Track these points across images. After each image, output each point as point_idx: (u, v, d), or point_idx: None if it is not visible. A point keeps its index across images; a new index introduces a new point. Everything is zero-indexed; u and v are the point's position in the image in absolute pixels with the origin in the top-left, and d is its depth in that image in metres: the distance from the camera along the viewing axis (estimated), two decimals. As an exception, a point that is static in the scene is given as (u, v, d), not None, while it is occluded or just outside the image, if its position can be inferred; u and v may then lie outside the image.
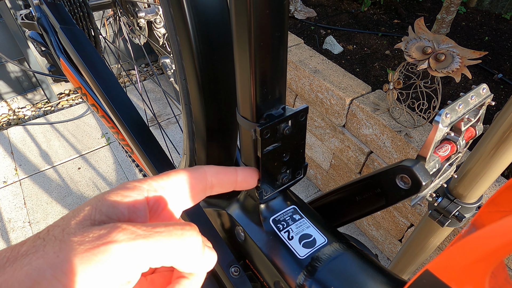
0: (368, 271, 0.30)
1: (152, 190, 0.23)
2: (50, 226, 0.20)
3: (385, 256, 1.58)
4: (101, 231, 0.19)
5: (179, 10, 0.33)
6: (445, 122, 0.30)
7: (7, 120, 2.39)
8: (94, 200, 0.21)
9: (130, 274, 0.19)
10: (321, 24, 1.93)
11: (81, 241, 0.18)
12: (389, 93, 1.27)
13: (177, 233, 0.21)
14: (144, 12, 0.98)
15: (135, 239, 0.19)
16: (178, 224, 0.21)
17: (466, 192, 0.57)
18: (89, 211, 0.20)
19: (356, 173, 1.51)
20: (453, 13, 1.40)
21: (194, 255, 0.22)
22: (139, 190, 0.22)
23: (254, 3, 0.23)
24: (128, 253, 0.19)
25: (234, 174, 0.28)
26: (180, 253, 0.21)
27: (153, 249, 0.19)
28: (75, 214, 0.20)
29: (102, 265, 0.18)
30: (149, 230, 0.20)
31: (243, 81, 0.28)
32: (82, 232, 0.19)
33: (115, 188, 0.22)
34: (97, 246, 0.18)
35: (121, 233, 0.19)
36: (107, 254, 0.18)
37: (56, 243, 0.18)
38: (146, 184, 0.23)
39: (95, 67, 0.59)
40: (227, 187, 0.28)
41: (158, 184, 0.23)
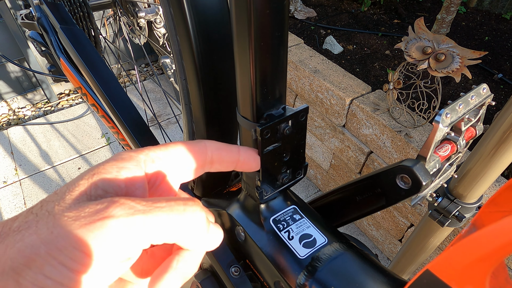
0: (369, 271, 0.30)
1: (149, 161, 0.21)
2: (43, 200, 0.19)
3: (385, 256, 1.58)
4: (98, 206, 0.18)
5: (179, 10, 0.33)
6: (445, 122, 0.30)
7: (7, 120, 2.39)
8: (89, 174, 0.20)
9: (129, 251, 0.18)
10: (321, 24, 1.93)
11: (76, 216, 0.17)
12: (389, 93, 1.27)
13: (179, 209, 0.19)
14: (144, 12, 0.98)
15: (133, 214, 0.18)
16: (180, 199, 0.20)
17: (466, 192, 0.57)
18: (84, 185, 0.19)
19: (356, 173, 1.51)
20: (453, 13, 1.40)
21: (198, 232, 0.21)
22: (136, 161, 0.21)
23: (254, 3, 0.23)
24: (126, 229, 0.17)
25: (237, 153, 0.27)
26: (182, 230, 0.20)
27: (153, 225, 0.18)
28: (70, 188, 0.19)
29: (99, 241, 0.17)
30: (149, 205, 0.19)
31: (243, 81, 0.28)
32: (78, 207, 0.18)
33: (110, 159, 0.21)
34: (93, 221, 0.17)
35: (118, 207, 0.18)
36: (103, 230, 0.17)
37: (50, 218, 0.17)
38: (143, 154, 0.21)
39: (95, 67, 0.59)
40: (228, 165, 0.26)
41: (155, 154, 0.22)
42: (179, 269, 0.21)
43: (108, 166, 0.20)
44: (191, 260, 0.21)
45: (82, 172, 0.20)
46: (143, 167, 0.21)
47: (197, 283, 0.44)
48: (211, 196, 0.50)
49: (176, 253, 0.21)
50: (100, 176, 0.19)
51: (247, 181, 0.35)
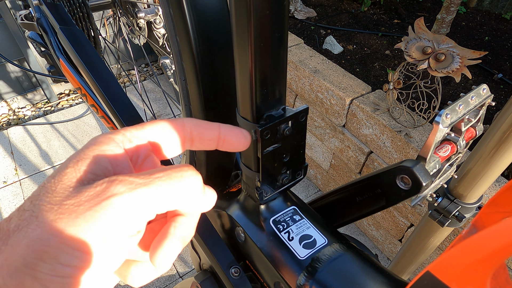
0: (369, 272, 0.30)
1: (127, 141, 0.22)
2: (32, 197, 0.19)
3: (385, 256, 1.58)
4: (97, 188, 0.18)
5: (179, 11, 0.33)
6: (446, 122, 0.30)
7: (7, 120, 2.39)
8: (73, 161, 0.20)
9: (138, 224, 0.19)
10: (321, 24, 1.93)
11: (78, 202, 0.17)
12: (389, 93, 1.27)
13: (177, 176, 0.20)
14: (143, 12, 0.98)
15: (135, 188, 0.18)
16: (175, 167, 0.21)
17: (466, 192, 0.57)
18: (72, 173, 0.19)
19: (356, 173, 1.51)
20: (453, 13, 1.40)
21: (196, 195, 0.21)
22: (114, 142, 0.21)
23: (254, 3, 0.23)
24: (132, 203, 0.18)
25: (216, 130, 0.25)
26: (183, 195, 0.20)
27: (156, 195, 0.19)
28: (57, 179, 0.19)
29: (108, 220, 0.17)
30: (148, 178, 0.19)
31: (243, 82, 0.28)
32: (75, 194, 0.18)
33: (89, 144, 0.21)
34: (98, 203, 0.17)
35: (119, 185, 0.18)
36: (110, 209, 0.17)
37: (50, 210, 0.17)
38: (120, 135, 0.21)
39: (94, 68, 0.59)
40: (208, 143, 0.25)
41: (132, 134, 0.22)
42: (177, 234, 0.21)
43: (89, 151, 0.20)
44: (188, 224, 0.22)
45: (64, 161, 0.20)
46: (122, 146, 0.21)
47: (197, 284, 0.44)
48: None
49: (172, 220, 0.22)
50: (85, 161, 0.19)
51: (247, 182, 0.35)
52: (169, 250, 0.20)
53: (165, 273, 1.52)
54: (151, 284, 1.49)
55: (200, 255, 0.48)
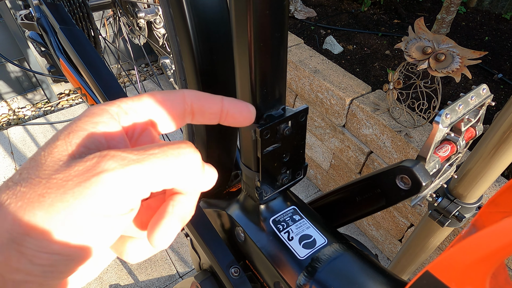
0: (368, 271, 0.30)
1: (122, 113, 0.20)
2: (21, 169, 0.18)
3: (385, 256, 1.58)
4: (87, 163, 0.17)
5: (179, 10, 0.33)
6: (445, 122, 0.30)
7: (7, 120, 2.39)
8: (64, 133, 0.18)
9: (130, 202, 0.18)
10: (321, 24, 1.93)
11: (67, 176, 0.17)
12: (389, 93, 1.27)
13: (174, 153, 0.19)
14: (143, 12, 0.98)
15: (128, 164, 0.17)
16: (172, 143, 0.19)
17: (466, 192, 0.57)
18: (63, 146, 0.18)
19: (356, 173, 1.51)
20: (453, 13, 1.40)
21: (195, 173, 0.20)
22: (109, 114, 0.20)
23: (254, 3, 0.23)
24: (124, 180, 0.17)
25: (219, 103, 0.23)
26: (180, 174, 0.19)
27: (150, 173, 0.18)
28: (46, 152, 0.18)
29: (97, 197, 0.16)
30: (142, 154, 0.18)
31: (243, 82, 0.28)
32: (65, 168, 0.17)
33: (82, 115, 0.19)
34: (87, 178, 0.16)
35: (111, 160, 0.17)
36: (100, 185, 0.16)
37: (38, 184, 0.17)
38: (115, 107, 0.20)
39: (94, 68, 0.59)
40: (210, 117, 0.24)
41: (128, 106, 0.21)
42: (175, 213, 0.20)
43: (81, 123, 0.19)
44: (187, 202, 0.21)
45: (56, 133, 0.19)
46: (117, 119, 0.20)
47: (197, 284, 0.44)
48: (211, 196, 0.50)
49: (171, 198, 0.21)
50: (77, 134, 0.18)
51: (247, 182, 0.35)
52: (167, 230, 0.19)
53: (165, 273, 1.52)
54: (151, 284, 1.49)
55: (200, 255, 0.48)
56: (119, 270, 1.53)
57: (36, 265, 0.16)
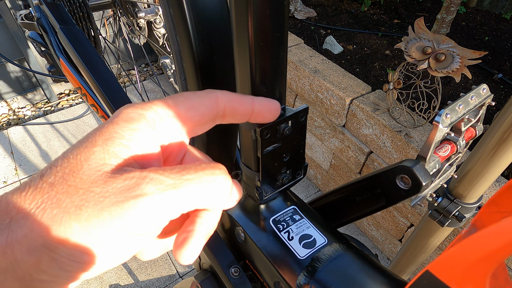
0: (368, 271, 0.30)
1: (158, 119, 0.20)
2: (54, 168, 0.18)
3: (385, 256, 1.58)
4: (126, 182, 0.17)
5: (179, 10, 0.33)
6: (445, 122, 0.30)
7: (7, 120, 2.39)
8: (101, 138, 0.19)
9: (161, 224, 0.18)
10: (321, 24, 1.93)
11: (105, 192, 0.17)
12: (389, 93, 1.27)
13: (208, 179, 0.19)
14: (144, 12, 0.98)
15: (165, 189, 0.18)
16: (207, 167, 0.20)
17: (466, 192, 0.57)
18: (100, 153, 0.18)
19: (356, 173, 1.51)
20: (453, 13, 1.40)
21: (225, 197, 0.21)
22: (146, 121, 0.20)
23: (254, 3, 0.23)
24: (159, 205, 0.18)
25: (251, 103, 0.24)
26: (212, 198, 0.20)
27: (184, 198, 0.18)
28: (83, 156, 0.18)
29: (133, 218, 0.17)
30: (178, 178, 0.18)
31: (243, 82, 0.28)
32: (103, 181, 0.17)
33: (119, 118, 0.19)
34: (126, 199, 0.17)
35: (150, 184, 0.18)
36: (137, 208, 0.17)
37: (75, 193, 0.17)
38: (152, 112, 0.20)
39: (94, 68, 0.59)
40: (241, 117, 0.24)
41: (164, 111, 0.21)
42: (202, 231, 0.21)
43: (119, 128, 0.19)
44: (212, 219, 0.22)
45: (91, 134, 0.19)
46: (153, 126, 0.20)
47: (197, 284, 0.44)
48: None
49: (196, 215, 0.21)
50: (115, 142, 0.19)
51: (247, 182, 0.35)
52: (194, 247, 0.20)
53: (165, 273, 1.52)
54: (151, 284, 1.49)
55: (200, 255, 0.48)
56: (119, 270, 1.53)
57: (65, 270, 0.17)
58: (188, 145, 0.24)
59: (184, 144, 0.23)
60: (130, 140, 0.19)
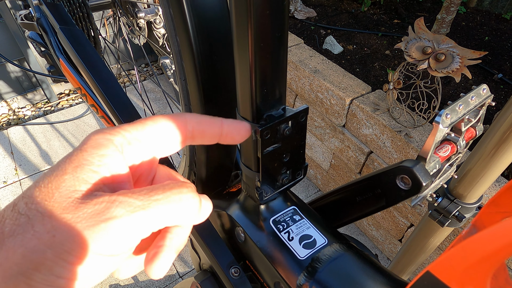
0: (369, 272, 0.30)
1: (126, 144, 0.21)
2: (26, 197, 0.18)
3: (385, 256, 1.58)
4: (96, 206, 0.18)
5: (179, 10, 0.33)
6: (446, 122, 0.30)
7: (7, 120, 2.39)
8: (71, 166, 0.19)
9: (132, 243, 0.19)
10: (321, 24, 1.93)
11: (76, 217, 0.18)
12: (389, 93, 1.27)
13: (175, 198, 0.20)
14: (143, 12, 0.98)
15: (134, 211, 0.19)
16: (175, 187, 0.21)
17: (466, 192, 0.57)
18: (70, 180, 0.19)
19: (356, 173, 1.51)
20: (453, 13, 1.40)
21: (193, 214, 0.22)
22: (114, 146, 0.21)
23: (254, 3, 0.23)
24: (129, 226, 0.18)
25: (219, 126, 0.25)
26: (180, 216, 0.21)
27: (153, 217, 0.19)
28: (54, 184, 0.19)
29: (104, 241, 0.18)
30: (146, 200, 0.19)
31: (243, 82, 0.28)
32: (74, 207, 0.18)
33: (87, 145, 0.20)
34: (96, 223, 0.18)
35: (119, 207, 0.18)
36: (108, 231, 0.18)
37: (47, 220, 0.17)
38: (119, 137, 0.21)
39: (94, 68, 0.59)
40: (210, 139, 0.26)
41: (132, 136, 0.22)
42: (172, 246, 0.21)
43: (88, 155, 0.20)
44: (182, 235, 0.22)
45: (61, 162, 0.20)
46: (120, 150, 0.21)
47: (197, 284, 0.44)
48: (211, 196, 0.50)
49: (167, 231, 0.22)
50: (84, 169, 0.19)
51: (247, 182, 0.35)
52: (164, 262, 0.21)
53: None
54: (151, 284, 1.49)
55: (200, 255, 0.48)
56: (119, 270, 1.53)
57: None
58: (159, 165, 0.25)
59: (154, 164, 0.24)
60: (99, 166, 0.20)
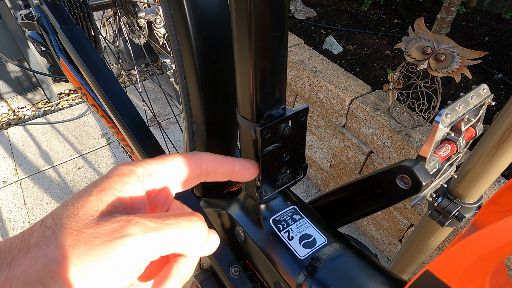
0: (368, 271, 0.30)
1: (147, 175, 0.24)
2: (55, 214, 0.20)
3: (385, 256, 1.58)
4: (114, 224, 0.20)
5: (179, 10, 0.33)
6: (445, 122, 0.30)
7: (7, 120, 2.39)
8: (97, 190, 0.22)
9: (142, 263, 0.21)
10: (321, 24, 1.93)
11: (95, 233, 0.19)
12: (389, 93, 1.27)
13: (186, 225, 0.22)
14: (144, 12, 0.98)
15: (147, 232, 0.20)
16: (186, 215, 0.23)
17: (466, 192, 0.57)
18: (95, 201, 0.21)
19: (356, 173, 1.51)
20: (453, 13, 1.40)
21: (201, 243, 0.23)
22: (136, 175, 0.23)
23: (254, 3, 0.23)
24: (142, 245, 0.20)
25: (231, 165, 0.28)
26: (188, 243, 0.22)
27: (164, 240, 0.21)
28: (80, 204, 0.21)
29: (118, 257, 0.19)
30: (159, 223, 0.21)
31: (243, 81, 0.28)
32: (95, 224, 0.20)
33: (113, 173, 0.23)
34: (112, 239, 0.19)
35: (134, 226, 0.20)
36: (122, 247, 0.19)
37: (69, 234, 0.19)
38: (141, 168, 0.24)
39: (95, 67, 0.59)
40: (222, 176, 0.28)
41: (152, 168, 0.24)
42: (178, 275, 0.23)
43: (112, 181, 0.22)
44: (189, 265, 0.24)
45: (88, 186, 0.22)
46: (141, 180, 0.23)
47: (197, 283, 0.44)
48: (211, 196, 0.50)
49: (175, 260, 0.24)
50: (108, 193, 0.22)
51: (247, 181, 0.35)
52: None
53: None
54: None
55: (200, 255, 0.48)
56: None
57: None
58: (173, 199, 0.27)
59: (169, 197, 0.26)
60: (121, 191, 0.22)
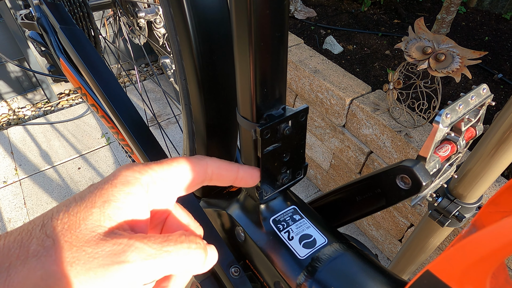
0: (369, 271, 0.30)
1: (152, 183, 0.23)
2: (55, 221, 0.20)
3: (385, 256, 1.58)
4: (114, 247, 0.20)
5: (179, 10, 0.33)
6: (445, 122, 0.30)
7: (7, 120, 2.39)
8: (99, 199, 0.21)
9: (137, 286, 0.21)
10: (321, 24, 1.93)
11: (95, 253, 0.19)
12: (389, 93, 1.27)
13: (184, 252, 0.22)
14: (144, 12, 0.98)
15: (146, 259, 0.20)
16: (185, 241, 0.23)
17: (466, 192, 0.57)
18: (97, 215, 0.21)
19: (356, 173, 1.51)
20: (453, 13, 1.40)
21: (198, 267, 0.24)
22: (140, 185, 0.23)
23: (254, 3, 0.23)
24: (139, 272, 0.20)
25: (235, 172, 0.29)
26: (184, 267, 0.23)
27: (161, 267, 0.21)
28: (82, 215, 0.21)
29: (114, 281, 0.19)
30: (159, 249, 0.21)
31: (243, 81, 0.28)
32: (95, 243, 0.20)
33: (118, 181, 0.22)
34: (111, 263, 0.19)
35: (134, 252, 0.20)
36: (120, 272, 0.20)
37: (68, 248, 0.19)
38: (147, 176, 0.23)
39: (95, 67, 0.59)
40: (226, 182, 0.28)
41: (158, 175, 0.24)
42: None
43: (116, 192, 0.22)
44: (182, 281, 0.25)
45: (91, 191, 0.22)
46: (146, 190, 0.23)
47: (197, 284, 0.44)
48: (211, 196, 0.50)
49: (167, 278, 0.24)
50: (111, 205, 0.21)
51: (247, 182, 0.35)
52: None
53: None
54: (151, 284, 1.49)
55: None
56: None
57: None
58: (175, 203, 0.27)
59: (171, 202, 0.26)
60: (124, 203, 0.22)
